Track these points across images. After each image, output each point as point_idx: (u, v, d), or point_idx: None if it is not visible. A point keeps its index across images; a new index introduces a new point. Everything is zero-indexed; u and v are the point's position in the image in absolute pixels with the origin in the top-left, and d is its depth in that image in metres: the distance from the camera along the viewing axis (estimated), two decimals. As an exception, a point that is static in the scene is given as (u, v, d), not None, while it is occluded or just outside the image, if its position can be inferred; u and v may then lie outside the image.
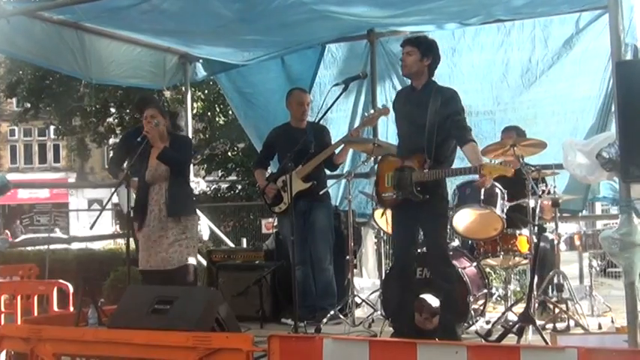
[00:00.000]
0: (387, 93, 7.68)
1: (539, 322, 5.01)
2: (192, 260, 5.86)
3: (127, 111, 16.98)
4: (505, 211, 5.69)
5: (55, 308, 6.99)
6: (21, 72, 17.08)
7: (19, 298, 6.94)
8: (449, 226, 5.67)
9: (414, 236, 5.33)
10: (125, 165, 5.73)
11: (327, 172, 6.61)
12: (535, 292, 5.16)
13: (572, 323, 5.38)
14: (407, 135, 5.29)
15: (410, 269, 5.39)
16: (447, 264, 5.25)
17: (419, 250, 5.56)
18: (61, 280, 7.19)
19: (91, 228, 6.07)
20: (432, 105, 5.06)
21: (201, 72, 8.42)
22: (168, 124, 6.08)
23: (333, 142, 6.49)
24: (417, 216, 5.15)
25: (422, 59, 5.17)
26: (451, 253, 5.87)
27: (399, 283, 5.34)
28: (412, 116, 5.21)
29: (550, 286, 5.78)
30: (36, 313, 6.87)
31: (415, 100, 5.24)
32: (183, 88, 8.65)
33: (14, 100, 23.61)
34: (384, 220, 6.07)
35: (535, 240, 5.34)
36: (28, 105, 18.85)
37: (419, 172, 5.04)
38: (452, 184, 5.85)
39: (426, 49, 5.19)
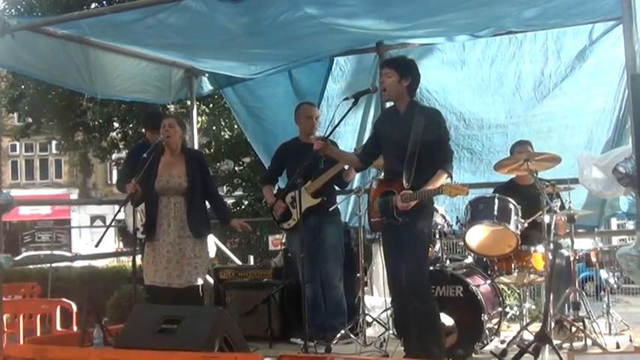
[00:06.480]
0: (396, 107, 7.58)
1: (555, 342, 4.88)
2: (200, 281, 5.76)
3: (131, 125, 16.89)
4: (520, 228, 5.57)
5: (59, 328, 6.88)
6: (23, 86, 16.99)
7: (21, 317, 6.85)
8: (461, 243, 5.56)
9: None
10: (132, 180, 5.64)
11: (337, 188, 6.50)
12: (551, 311, 5.04)
13: (589, 342, 5.25)
14: (390, 158, 5.19)
15: (406, 297, 5.08)
16: (420, 282, 4.98)
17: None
18: (64, 299, 7.10)
19: (97, 245, 5.96)
20: (415, 128, 4.95)
21: (207, 86, 8.31)
22: (183, 135, 6.05)
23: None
24: (400, 235, 5.01)
25: (400, 80, 5.07)
26: (464, 270, 5.79)
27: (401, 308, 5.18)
28: (395, 140, 5.10)
29: (566, 304, 5.65)
30: (39, 333, 6.77)
31: (399, 123, 5.14)
32: (189, 102, 8.54)
33: (15, 115, 23.56)
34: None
35: (550, 257, 5.21)
36: (30, 120, 18.78)
37: (397, 197, 4.93)
38: (464, 200, 5.74)
39: (404, 70, 5.10)
